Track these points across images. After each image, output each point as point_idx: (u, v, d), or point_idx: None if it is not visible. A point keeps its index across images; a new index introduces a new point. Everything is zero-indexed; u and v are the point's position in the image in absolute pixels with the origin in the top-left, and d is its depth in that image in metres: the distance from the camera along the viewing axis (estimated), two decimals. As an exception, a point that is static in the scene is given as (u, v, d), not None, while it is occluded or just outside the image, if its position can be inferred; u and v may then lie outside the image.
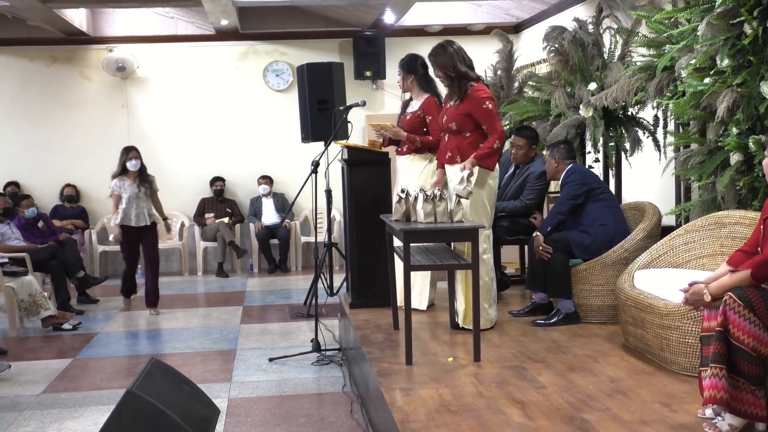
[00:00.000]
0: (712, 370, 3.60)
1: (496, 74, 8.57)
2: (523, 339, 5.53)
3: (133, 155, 8.66)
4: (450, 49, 5.63)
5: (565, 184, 6.12)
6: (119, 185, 8.67)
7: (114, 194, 8.69)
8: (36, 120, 11.87)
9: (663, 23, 5.76)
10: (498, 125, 5.58)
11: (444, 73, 5.64)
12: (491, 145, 5.53)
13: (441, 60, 5.63)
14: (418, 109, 6.47)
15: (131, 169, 8.67)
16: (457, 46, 5.67)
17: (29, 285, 8.07)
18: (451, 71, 5.60)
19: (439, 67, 5.65)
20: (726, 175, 4.97)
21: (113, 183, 8.69)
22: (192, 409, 4.01)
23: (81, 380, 6.41)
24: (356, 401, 5.50)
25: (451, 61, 5.58)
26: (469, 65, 5.64)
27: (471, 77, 5.62)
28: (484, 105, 5.55)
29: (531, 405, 4.10)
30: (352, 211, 6.60)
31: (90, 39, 11.83)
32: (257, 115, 12.10)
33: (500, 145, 5.59)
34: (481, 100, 5.56)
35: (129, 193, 8.62)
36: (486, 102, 5.55)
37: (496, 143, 5.54)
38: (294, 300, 9.42)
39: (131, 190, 8.63)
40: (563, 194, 6.10)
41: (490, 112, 5.57)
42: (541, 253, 5.94)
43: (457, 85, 5.63)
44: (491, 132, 5.56)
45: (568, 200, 6.04)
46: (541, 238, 5.97)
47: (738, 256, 3.92)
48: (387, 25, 11.45)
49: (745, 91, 4.76)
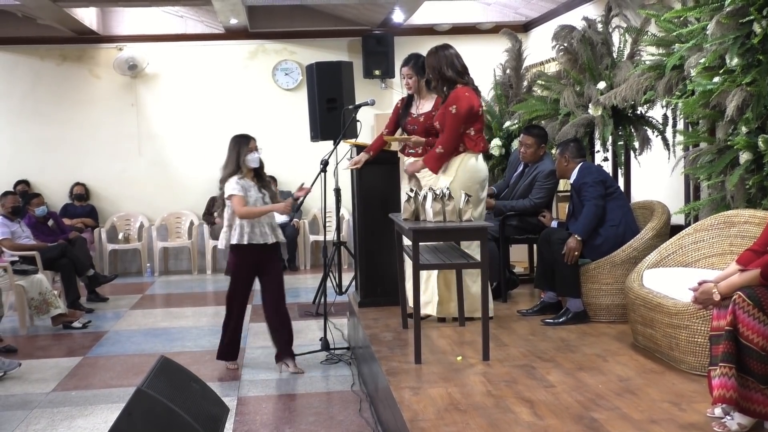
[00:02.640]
0: (722, 370, 3.59)
1: (505, 73, 8.57)
2: (532, 338, 5.53)
3: (253, 146, 6.35)
4: (441, 53, 5.80)
5: (582, 183, 6.06)
6: (243, 186, 6.20)
7: (238, 197, 6.13)
8: (46, 118, 11.92)
9: (672, 22, 5.75)
10: (453, 132, 5.68)
11: (430, 74, 5.86)
12: (435, 150, 5.74)
13: (429, 61, 5.85)
14: (432, 109, 6.45)
15: (251, 165, 6.28)
16: (450, 51, 5.81)
17: (39, 283, 8.10)
18: (436, 74, 5.80)
19: (427, 67, 5.88)
20: (735, 174, 4.96)
21: (233, 182, 6.19)
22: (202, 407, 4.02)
23: (91, 378, 6.44)
24: (365, 400, 5.51)
25: (438, 64, 5.77)
26: (458, 71, 5.76)
27: (455, 81, 5.76)
28: (450, 108, 5.69)
29: (540, 404, 4.11)
30: (361, 210, 6.60)
31: (100, 38, 11.87)
32: (266, 113, 12.12)
33: (443, 151, 5.70)
34: (450, 103, 5.71)
35: (253, 198, 6.24)
36: (452, 106, 5.68)
37: (439, 148, 5.71)
38: (303, 299, 9.43)
39: (255, 195, 6.25)
40: (591, 196, 5.94)
41: (451, 117, 5.68)
42: (574, 257, 5.88)
43: (440, 87, 5.83)
44: (444, 136, 5.72)
45: (600, 202, 5.93)
46: (579, 243, 5.88)
47: (747, 255, 3.91)
48: (396, 24, 11.45)
49: (754, 90, 4.75)
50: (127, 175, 12.01)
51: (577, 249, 5.88)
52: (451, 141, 5.70)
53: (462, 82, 5.75)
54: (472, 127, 5.74)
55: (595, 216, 5.93)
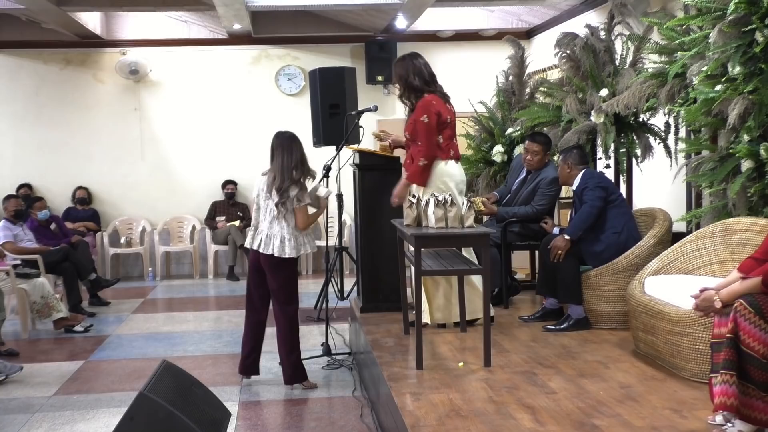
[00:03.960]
0: (723, 377, 3.60)
1: (507, 80, 8.57)
2: (534, 344, 5.53)
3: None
4: (409, 61, 5.87)
5: (583, 188, 6.05)
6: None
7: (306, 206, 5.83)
8: (49, 122, 11.94)
9: (675, 30, 5.77)
10: (428, 141, 5.70)
11: (397, 82, 5.95)
12: (417, 164, 5.74)
13: (396, 69, 5.95)
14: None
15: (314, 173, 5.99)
16: (418, 60, 5.86)
17: (41, 287, 8.12)
18: (402, 82, 5.87)
19: (394, 75, 5.98)
20: (737, 182, 4.97)
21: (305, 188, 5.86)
22: (203, 412, 4.03)
23: (93, 382, 6.45)
24: (366, 405, 5.51)
25: (405, 73, 5.84)
26: (424, 79, 5.81)
27: (422, 90, 5.79)
28: (421, 118, 5.71)
29: (541, 410, 4.11)
30: (364, 216, 6.62)
31: (104, 42, 11.89)
32: (269, 119, 12.10)
33: (426, 162, 5.72)
34: (419, 112, 5.74)
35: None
36: (423, 116, 5.70)
37: (421, 161, 5.72)
38: (305, 304, 9.38)
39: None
40: (588, 198, 5.97)
41: (423, 126, 5.70)
42: (558, 254, 5.92)
43: (406, 95, 5.90)
44: (421, 147, 5.73)
45: (597, 204, 5.94)
46: (568, 243, 5.91)
47: (749, 263, 3.92)
48: (399, 30, 11.46)
49: (756, 98, 4.76)
50: (129, 179, 12.02)
51: (563, 248, 5.89)
52: (429, 150, 5.74)
53: (428, 91, 5.80)
54: (441, 135, 5.79)
55: (589, 216, 5.93)
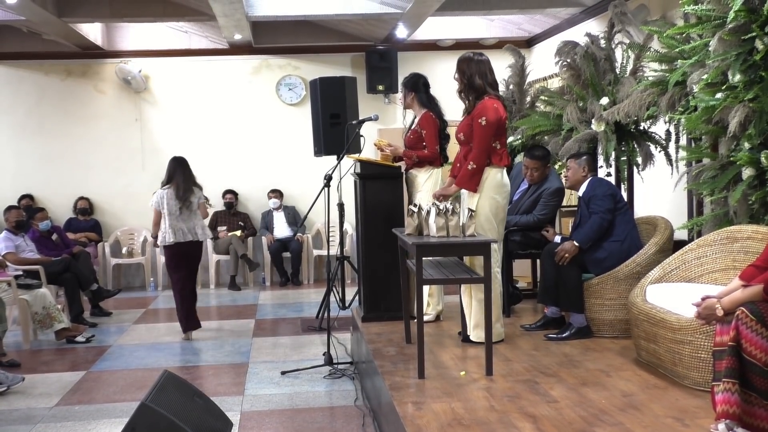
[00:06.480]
0: (725, 385, 3.60)
1: (508, 88, 8.57)
2: (535, 353, 5.52)
3: None
4: (476, 59, 5.71)
5: (592, 195, 6.05)
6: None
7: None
8: (50, 133, 11.96)
9: (675, 38, 5.77)
10: (481, 145, 5.56)
11: (459, 78, 5.74)
12: (466, 168, 5.59)
13: (462, 66, 5.73)
14: (416, 125, 6.59)
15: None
16: (484, 59, 5.74)
17: (43, 297, 8.12)
18: (465, 80, 5.69)
19: (458, 71, 5.75)
20: (738, 190, 4.97)
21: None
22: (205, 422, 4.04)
23: (94, 393, 6.44)
24: (368, 415, 5.50)
25: (470, 71, 5.67)
26: (488, 82, 5.68)
27: (484, 91, 5.66)
28: (479, 120, 5.58)
29: (543, 419, 4.10)
30: (365, 225, 6.62)
31: (104, 53, 11.93)
32: (270, 128, 12.16)
33: (476, 166, 5.56)
34: (478, 114, 5.59)
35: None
36: (481, 118, 5.56)
37: (470, 164, 5.57)
38: (306, 313, 9.44)
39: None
40: (599, 208, 5.95)
41: (480, 129, 5.57)
42: (565, 257, 5.90)
43: (466, 94, 5.73)
44: (474, 150, 5.60)
45: (607, 217, 5.93)
46: (576, 250, 5.91)
47: (750, 270, 3.92)
48: (399, 40, 11.49)
49: (756, 106, 4.77)
50: (130, 189, 12.01)
51: (571, 253, 5.89)
52: (483, 154, 5.58)
53: (492, 95, 5.68)
54: (498, 141, 5.65)
55: (600, 228, 5.93)
